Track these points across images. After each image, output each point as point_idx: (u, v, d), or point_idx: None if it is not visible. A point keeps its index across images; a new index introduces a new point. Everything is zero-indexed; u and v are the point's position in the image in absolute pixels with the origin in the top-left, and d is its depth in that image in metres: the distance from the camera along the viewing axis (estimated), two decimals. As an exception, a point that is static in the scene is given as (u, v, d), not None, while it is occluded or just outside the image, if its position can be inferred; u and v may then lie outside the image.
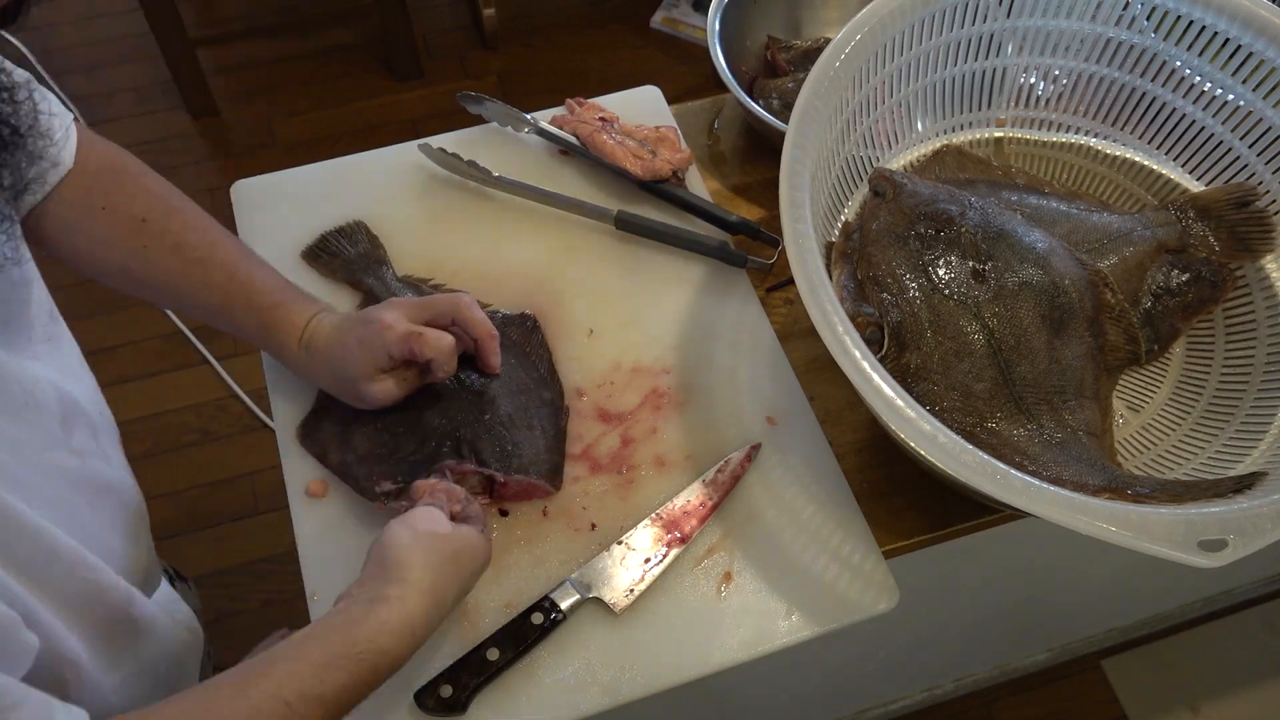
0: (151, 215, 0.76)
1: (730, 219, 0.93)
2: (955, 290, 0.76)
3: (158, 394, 1.89)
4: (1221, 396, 0.83)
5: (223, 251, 0.78)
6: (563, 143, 0.98)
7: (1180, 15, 0.84)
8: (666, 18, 2.45)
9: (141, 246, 0.76)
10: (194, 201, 0.79)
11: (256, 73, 2.37)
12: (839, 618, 0.76)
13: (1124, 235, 0.85)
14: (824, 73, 0.77)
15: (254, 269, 0.78)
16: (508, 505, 0.79)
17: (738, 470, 0.80)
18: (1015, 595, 1.28)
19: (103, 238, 0.75)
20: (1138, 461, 0.81)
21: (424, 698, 0.70)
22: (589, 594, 0.74)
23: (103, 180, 0.75)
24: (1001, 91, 0.92)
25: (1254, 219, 0.84)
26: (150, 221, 0.76)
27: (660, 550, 0.77)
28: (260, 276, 0.78)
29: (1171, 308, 0.85)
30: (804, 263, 0.68)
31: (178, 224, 0.77)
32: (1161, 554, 0.60)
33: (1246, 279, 0.86)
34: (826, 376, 0.87)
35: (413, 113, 2.30)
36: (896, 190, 0.80)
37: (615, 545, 0.77)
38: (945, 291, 0.76)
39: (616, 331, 0.89)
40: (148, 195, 0.77)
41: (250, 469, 1.82)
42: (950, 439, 0.63)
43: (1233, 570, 1.55)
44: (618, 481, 0.81)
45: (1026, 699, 1.62)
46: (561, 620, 0.73)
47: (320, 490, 0.80)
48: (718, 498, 0.79)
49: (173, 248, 0.76)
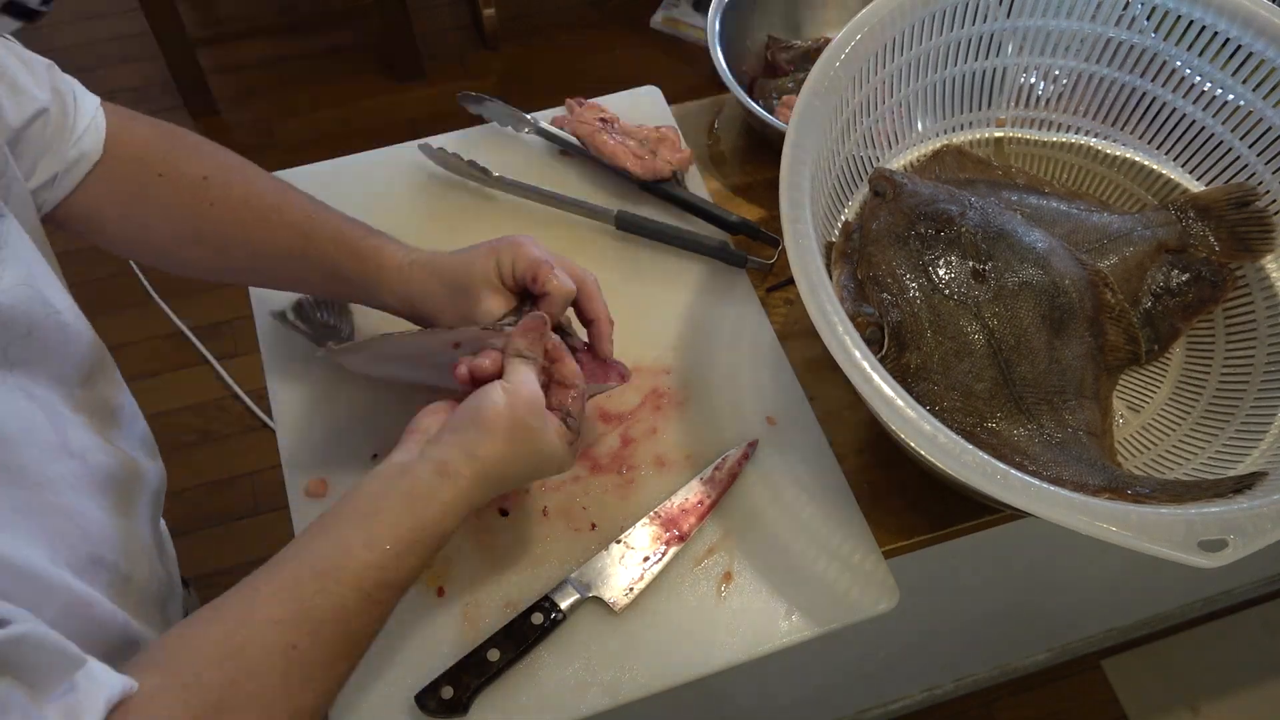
0: (214, 172, 0.73)
1: (730, 219, 0.93)
2: (955, 290, 0.76)
3: (158, 394, 1.89)
4: (1221, 397, 0.83)
5: (295, 197, 0.75)
6: (563, 143, 0.98)
7: (1180, 15, 0.84)
8: (666, 18, 2.45)
9: (208, 204, 0.73)
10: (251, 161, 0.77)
11: (256, 73, 2.38)
12: (839, 618, 0.76)
13: (1124, 235, 0.85)
14: (824, 72, 0.77)
15: (334, 213, 0.75)
16: (508, 505, 0.79)
17: (735, 468, 0.80)
18: (1015, 595, 1.28)
19: (163, 206, 0.73)
20: (1138, 461, 0.81)
21: (425, 699, 0.70)
22: (589, 593, 0.74)
23: (155, 150, 0.73)
24: (1002, 91, 0.92)
25: (1254, 219, 0.84)
26: (213, 178, 0.73)
27: (659, 549, 0.77)
28: (343, 218, 0.75)
29: (1171, 308, 0.85)
30: (804, 263, 0.68)
31: (242, 177, 0.74)
32: (1161, 554, 0.60)
33: (1246, 279, 0.86)
34: (826, 376, 0.87)
35: (413, 113, 2.30)
36: (897, 190, 0.80)
37: (614, 544, 0.77)
38: (945, 291, 0.76)
39: (616, 331, 0.89)
40: (208, 156, 0.75)
41: (250, 469, 1.83)
42: (950, 439, 0.63)
43: (1233, 570, 1.55)
44: (618, 481, 0.81)
45: (1026, 699, 1.62)
46: (561, 620, 0.73)
47: (320, 490, 0.80)
48: (715, 495, 0.79)
49: (241, 199, 0.73)
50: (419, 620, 0.74)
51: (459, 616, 0.74)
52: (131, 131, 0.73)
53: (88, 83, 0.73)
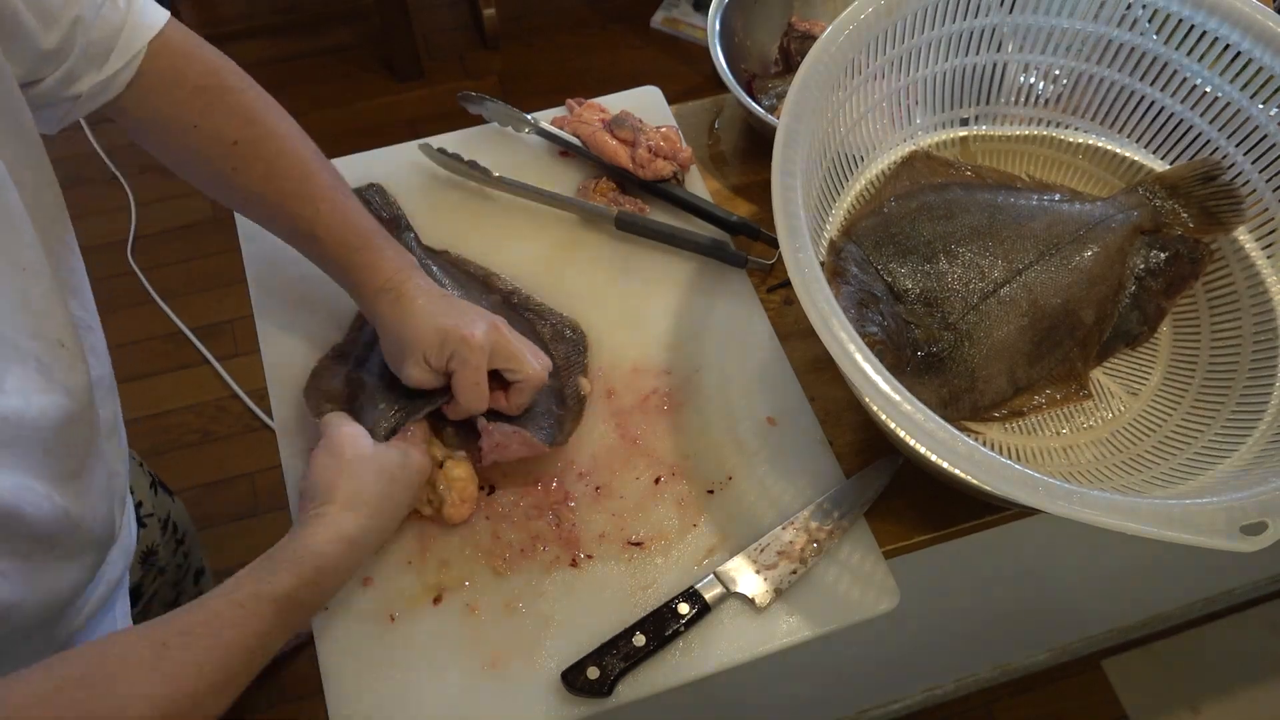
0: (244, 139, 0.76)
1: (730, 219, 0.93)
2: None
3: (158, 394, 1.89)
4: (1215, 371, 0.83)
5: (314, 184, 0.77)
6: (563, 143, 0.98)
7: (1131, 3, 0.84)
8: (666, 18, 2.45)
9: (230, 169, 0.76)
10: (295, 123, 0.79)
11: (256, 72, 2.34)
12: (839, 618, 0.76)
13: (1102, 222, 0.85)
14: (808, 78, 0.77)
15: (346, 208, 0.78)
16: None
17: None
18: (1015, 595, 1.28)
19: (193, 152, 0.76)
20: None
21: (572, 677, 0.71)
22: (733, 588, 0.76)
23: (199, 98, 0.75)
24: (972, 89, 0.91)
25: (1222, 192, 0.85)
26: (241, 143, 0.76)
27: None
28: (352, 217, 0.78)
29: (1155, 288, 0.85)
30: (799, 263, 0.68)
31: (271, 150, 0.77)
32: (1206, 544, 0.61)
33: (1222, 252, 0.87)
34: (826, 377, 0.87)
35: (413, 113, 2.30)
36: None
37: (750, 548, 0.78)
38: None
39: (616, 332, 0.89)
40: (243, 117, 0.76)
41: (250, 469, 1.83)
42: (966, 443, 0.63)
43: (1233, 570, 1.55)
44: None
45: (1026, 699, 1.62)
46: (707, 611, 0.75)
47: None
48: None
49: (262, 176, 0.76)
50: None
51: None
52: (183, 66, 0.75)
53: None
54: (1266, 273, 0.84)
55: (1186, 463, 0.78)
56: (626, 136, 0.95)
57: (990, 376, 0.80)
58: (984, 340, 0.80)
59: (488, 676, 0.73)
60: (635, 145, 0.94)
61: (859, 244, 0.82)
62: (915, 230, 0.83)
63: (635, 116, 0.96)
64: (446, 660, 0.73)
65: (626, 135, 0.95)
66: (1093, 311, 0.83)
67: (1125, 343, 0.85)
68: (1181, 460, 0.78)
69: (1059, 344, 0.82)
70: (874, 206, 0.85)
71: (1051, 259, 0.82)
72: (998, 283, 0.81)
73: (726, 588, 0.75)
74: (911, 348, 0.79)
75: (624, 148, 0.94)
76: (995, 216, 0.84)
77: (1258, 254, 0.85)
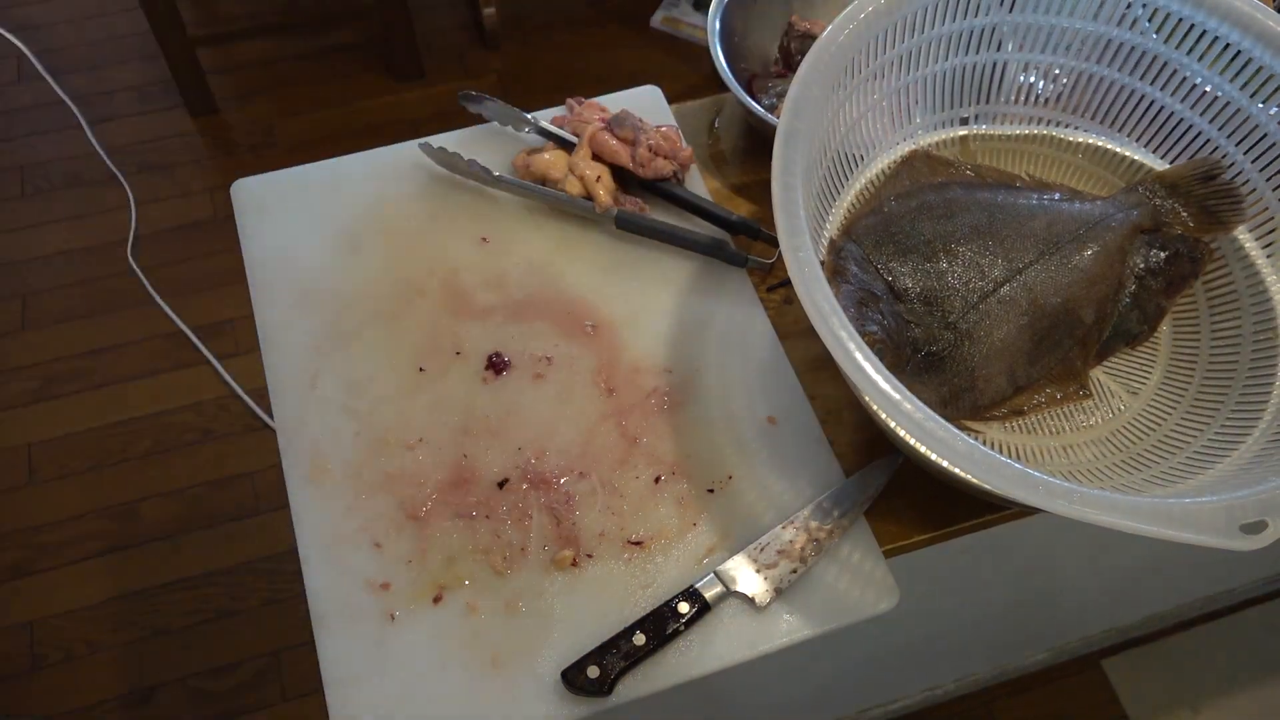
0: None
1: (731, 218, 0.93)
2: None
3: (158, 394, 1.90)
4: (1215, 371, 0.83)
5: None
6: (563, 142, 0.98)
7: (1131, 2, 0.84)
8: (666, 17, 2.46)
9: None
10: None
11: (256, 72, 2.38)
12: (839, 618, 0.76)
13: (1102, 221, 0.85)
14: (808, 77, 0.77)
15: None
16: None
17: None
18: (1015, 595, 1.28)
19: None
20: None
21: (572, 676, 0.71)
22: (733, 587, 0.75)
23: None
24: (971, 88, 0.91)
25: (1222, 191, 0.85)
26: None
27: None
28: None
29: (1155, 287, 0.85)
30: (799, 261, 0.68)
31: None
32: (1207, 543, 0.61)
33: (1222, 251, 0.87)
34: (826, 376, 0.87)
35: (413, 113, 2.30)
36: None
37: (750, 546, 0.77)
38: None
39: (616, 331, 0.89)
40: None
41: (250, 469, 1.83)
42: (968, 444, 0.63)
43: (1233, 570, 1.55)
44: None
45: (1026, 699, 1.62)
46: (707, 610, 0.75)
47: (317, 477, 0.80)
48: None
49: None
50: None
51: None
52: None
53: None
54: (1266, 272, 0.84)
55: (1186, 462, 0.78)
56: (627, 136, 0.95)
57: (990, 375, 0.80)
58: (984, 339, 0.80)
59: (488, 676, 0.73)
60: (635, 144, 0.94)
61: (859, 243, 0.82)
62: (915, 229, 0.83)
63: (635, 116, 0.96)
64: (447, 660, 0.73)
65: (627, 134, 0.95)
66: (1092, 310, 0.83)
67: (1125, 342, 0.86)
68: (1181, 459, 0.78)
69: (1059, 343, 0.82)
70: (874, 206, 0.85)
71: (1051, 258, 0.82)
72: (998, 282, 0.81)
73: (726, 587, 0.75)
74: (911, 347, 0.79)
75: (624, 147, 0.95)
76: (995, 215, 0.84)
77: (1258, 253, 0.85)
